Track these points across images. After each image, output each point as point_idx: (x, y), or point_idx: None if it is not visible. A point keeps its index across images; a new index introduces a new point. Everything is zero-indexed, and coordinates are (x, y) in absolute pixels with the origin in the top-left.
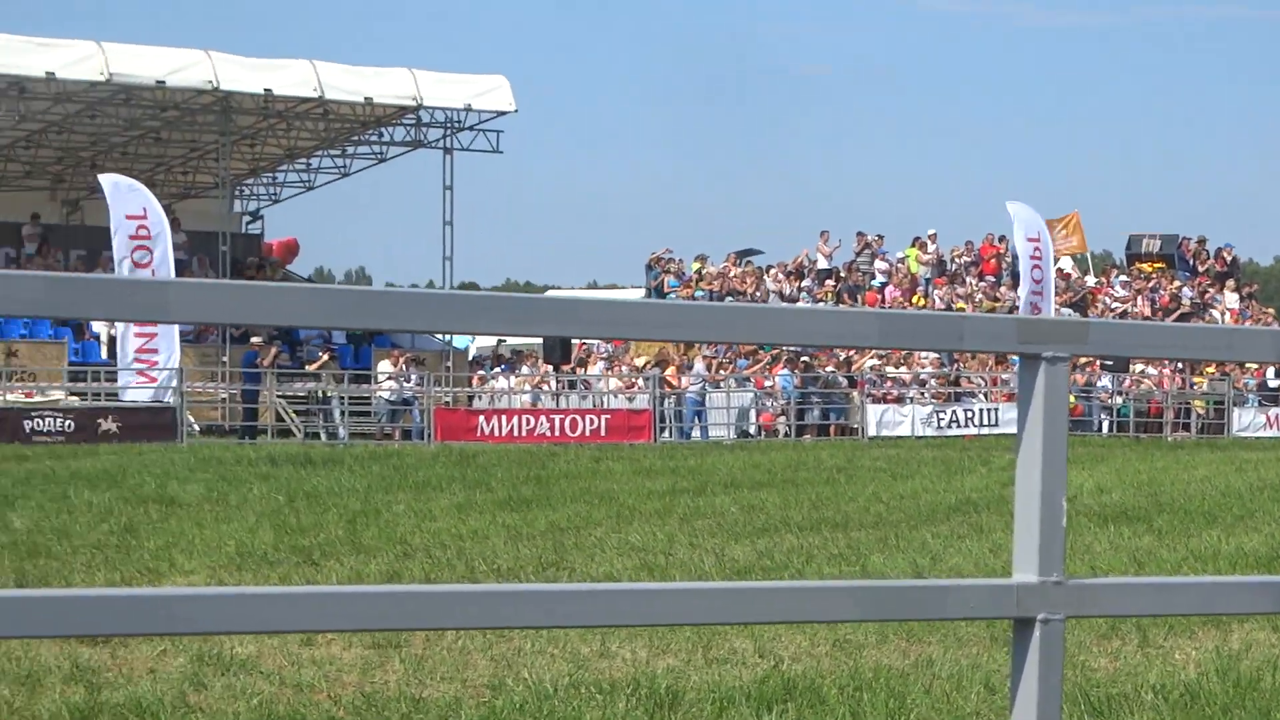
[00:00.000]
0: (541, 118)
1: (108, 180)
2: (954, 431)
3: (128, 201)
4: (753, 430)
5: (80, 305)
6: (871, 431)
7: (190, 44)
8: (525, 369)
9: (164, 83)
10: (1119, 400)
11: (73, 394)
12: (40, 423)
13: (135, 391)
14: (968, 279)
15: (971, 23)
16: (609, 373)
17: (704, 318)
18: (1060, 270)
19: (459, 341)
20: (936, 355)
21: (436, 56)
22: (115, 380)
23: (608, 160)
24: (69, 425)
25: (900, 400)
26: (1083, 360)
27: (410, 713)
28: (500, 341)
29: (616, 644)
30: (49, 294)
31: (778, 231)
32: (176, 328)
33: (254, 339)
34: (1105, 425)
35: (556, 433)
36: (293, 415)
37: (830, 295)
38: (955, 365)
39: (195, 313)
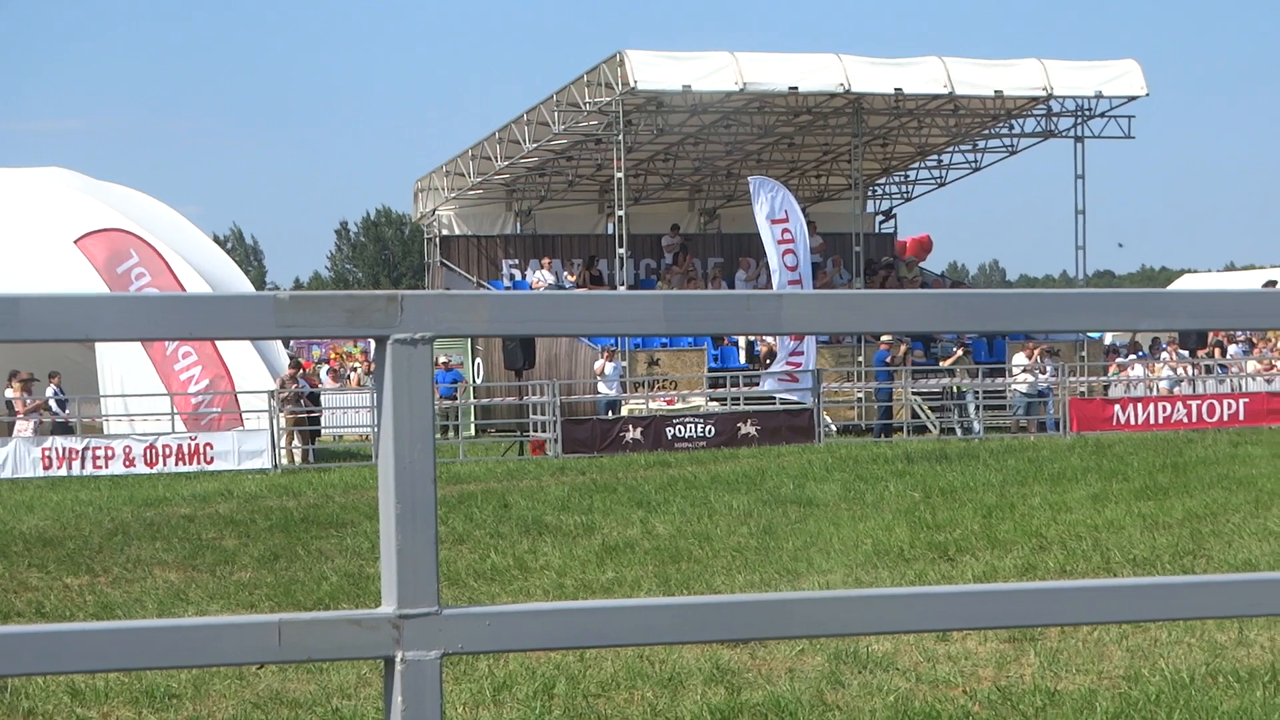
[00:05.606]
0: (1171, 99)
1: (755, 181)
2: None
3: (771, 204)
4: None
5: (695, 322)
6: None
7: (818, 48)
8: (1162, 355)
9: (796, 88)
10: None
11: (712, 399)
12: (682, 429)
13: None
14: None
15: None
16: (1248, 356)
17: None
18: None
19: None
20: None
21: (1055, 43)
22: (753, 385)
23: (1241, 138)
24: (710, 430)
25: None
26: None
27: (1045, 706)
28: None
29: (1254, 631)
30: (666, 311)
31: None
32: None
33: (884, 338)
34: None
35: (1194, 419)
36: (928, 411)
37: None
38: None
39: (805, 324)
